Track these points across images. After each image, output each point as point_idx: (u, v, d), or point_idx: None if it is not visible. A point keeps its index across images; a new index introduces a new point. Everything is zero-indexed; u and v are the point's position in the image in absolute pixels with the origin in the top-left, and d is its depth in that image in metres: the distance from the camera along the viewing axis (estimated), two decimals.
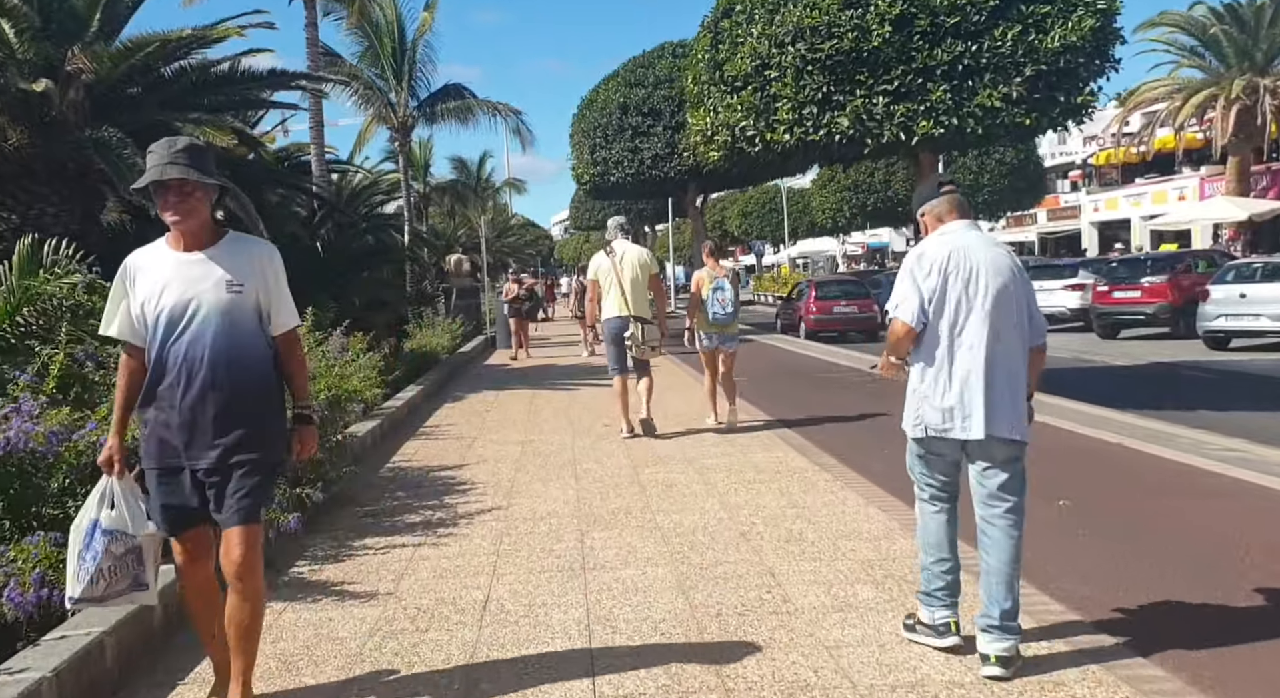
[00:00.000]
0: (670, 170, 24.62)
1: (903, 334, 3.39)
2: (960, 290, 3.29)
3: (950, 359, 3.30)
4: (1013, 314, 3.31)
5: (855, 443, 7.66)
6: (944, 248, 3.35)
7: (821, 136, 9.98)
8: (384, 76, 27.80)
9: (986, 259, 3.32)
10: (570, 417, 9.80)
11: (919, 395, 3.38)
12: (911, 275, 3.37)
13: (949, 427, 3.31)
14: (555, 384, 12.95)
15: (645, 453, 7.60)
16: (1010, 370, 3.30)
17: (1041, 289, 21.56)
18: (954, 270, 3.30)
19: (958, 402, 3.28)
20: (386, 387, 10.86)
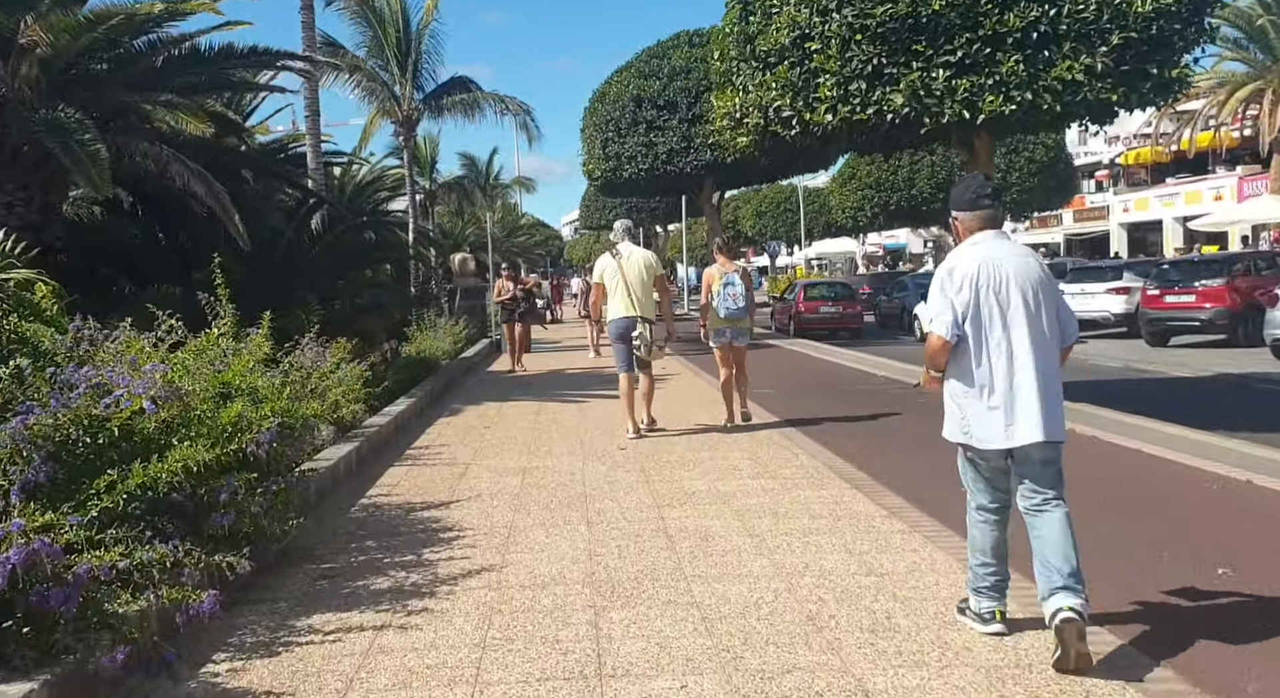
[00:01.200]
0: (686, 165, 23.35)
1: (939, 348, 3.47)
2: (993, 302, 3.39)
3: (988, 369, 3.39)
4: (1044, 321, 3.42)
5: (922, 476, 6.37)
6: (974, 261, 3.43)
7: (870, 116, 8.70)
8: (388, 68, 26.66)
9: (1016, 269, 3.41)
10: (581, 436, 8.54)
11: (959, 405, 3.49)
12: (943, 290, 3.45)
13: (992, 435, 3.40)
14: (564, 395, 11.70)
15: (670, 487, 6.33)
16: (1048, 376, 3.38)
17: (1082, 292, 20.24)
18: (985, 283, 3.39)
19: (999, 410, 3.38)
20: (375, 399, 9.65)
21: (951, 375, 3.51)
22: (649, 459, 7.32)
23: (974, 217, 3.56)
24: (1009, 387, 3.36)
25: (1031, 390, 3.34)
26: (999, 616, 3.56)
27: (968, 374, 3.44)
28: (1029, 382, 3.35)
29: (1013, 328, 3.38)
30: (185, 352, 4.88)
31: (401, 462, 7.54)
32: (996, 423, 3.38)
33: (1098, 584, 3.61)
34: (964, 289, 3.40)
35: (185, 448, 3.78)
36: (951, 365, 3.49)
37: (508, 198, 54.97)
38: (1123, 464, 6.86)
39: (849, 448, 7.50)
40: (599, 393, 11.65)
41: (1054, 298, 3.49)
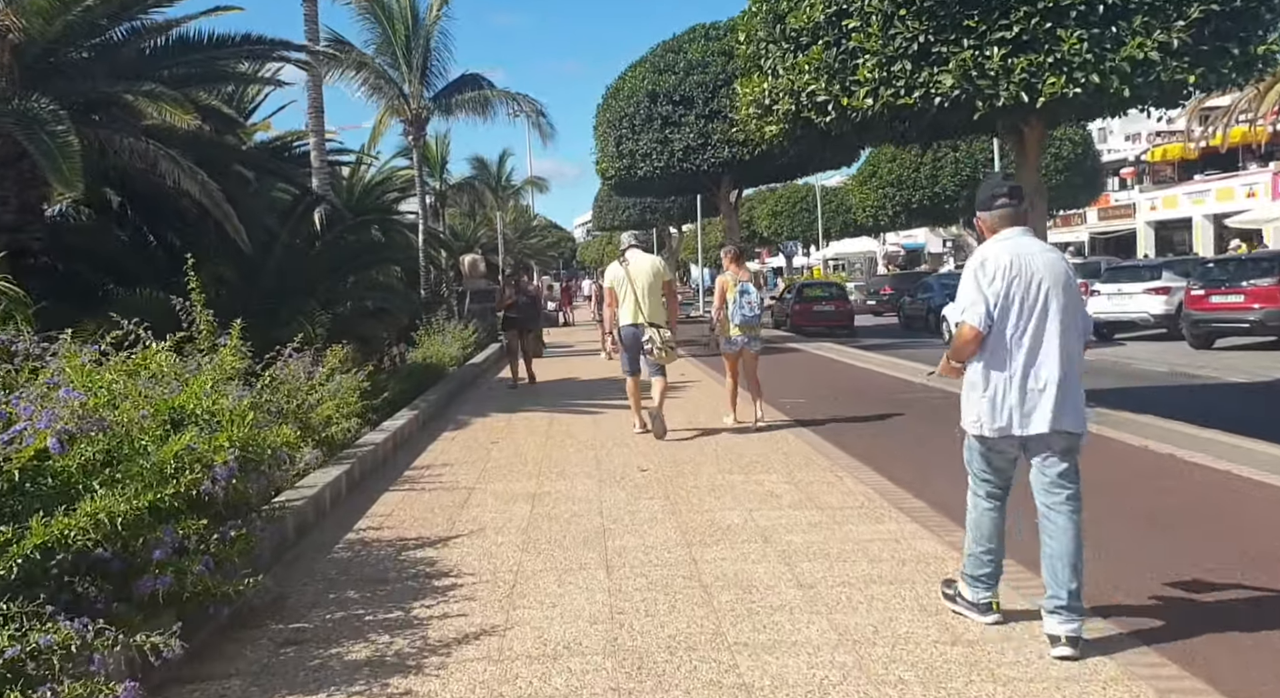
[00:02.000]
0: (703, 163, 22.54)
1: (970, 338, 3.53)
2: (1023, 294, 3.47)
3: (1017, 360, 3.48)
4: (1069, 315, 3.49)
5: None
6: (1006, 254, 3.52)
7: (916, 100, 7.88)
8: (396, 66, 25.99)
9: (1045, 263, 3.52)
10: (597, 453, 7.75)
11: (982, 395, 3.55)
12: (976, 281, 3.52)
13: (1011, 424, 3.50)
14: (577, 405, 10.90)
15: (700, 519, 5.53)
16: (1072, 368, 3.48)
17: (1119, 293, 19.32)
18: (1016, 275, 3.48)
19: (1025, 400, 3.47)
20: (374, 412, 8.89)
21: (975, 364, 3.58)
22: (674, 483, 6.52)
23: (996, 215, 3.65)
24: (1034, 377, 3.47)
25: (1054, 381, 3.44)
26: (995, 606, 3.69)
27: (993, 364, 3.52)
28: (1053, 373, 3.45)
29: (1040, 320, 3.47)
30: (112, 370, 4.08)
31: (398, 485, 6.75)
32: (1018, 412, 3.48)
33: None
34: (997, 280, 3.48)
35: (103, 496, 3.00)
36: (978, 354, 3.56)
37: (520, 199, 54.26)
38: (1221, 492, 6.01)
39: (900, 471, 6.67)
40: (614, 402, 10.85)
41: (1077, 294, 3.59)
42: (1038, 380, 3.46)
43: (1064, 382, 3.46)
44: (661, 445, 8.01)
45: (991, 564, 3.67)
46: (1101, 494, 5.55)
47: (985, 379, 3.55)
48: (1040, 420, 3.46)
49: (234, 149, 11.29)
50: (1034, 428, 3.48)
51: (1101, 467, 6.34)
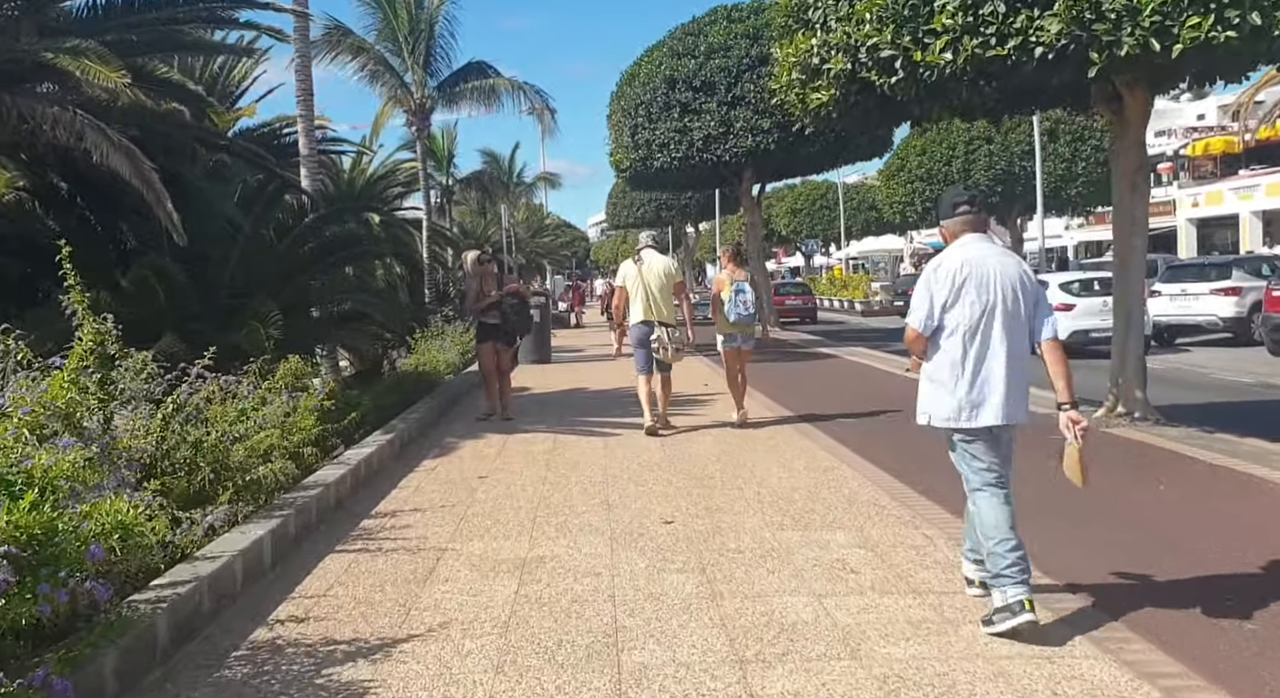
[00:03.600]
0: (725, 153, 20.91)
1: (913, 338, 3.85)
2: (974, 296, 3.69)
3: (967, 357, 3.69)
4: (1020, 316, 3.71)
5: (1165, 595, 3.95)
6: (958, 259, 3.75)
7: (1010, 52, 6.27)
8: (398, 53, 24.53)
9: (997, 267, 3.72)
10: (607, 494, 6.17)
11: (934, 388, 3.80)
12: (927, 285, 3.79)
13: (959, 416, 3.71)
14: (585, 424, 9.32)
15: (751, 610, 3.94)
16: (1018, 366, 3.71)
17: (1184, 294, 17.60)
18: (967, 278, 3.70)
19: (974, 394, 3.68)
20: (339, 436, 7.35)
21: (930, 361, 3.82)
22: (708, 543, 4.93)
23: (956, 222, 3.87)
24: (982, 373, 3.68)
25: (1001, 378, 3.67)
26: (1028, 605, 3.51)
27: (943, 361, 3.75)
28: (1000, 370, 3.67)
29: (989, 320, 3.68)
30: None
31: (348, 544, 5.18)
32: (967, 406, 3.69)
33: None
34: (945, 285, 3.73)
35: None
36: (932, 352, 3.80)
37: (532, 197, 52.80)
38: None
39: None
40: (627, 420, 9.27)
41: (1032, 295, 3.76)
42: (987, 376, 3.67)
43: (1010, 378, 3.67)
44: (687, 484, 6.43)
45: (1012, 556, 3.59)
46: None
47: (937, 373, 3.79)
48: (989, 414, 3.67)
49: (182, 124, 9.74)
50: (982, 421, 3.68)
51: (1237, 506, 4.78)
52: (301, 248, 10.03)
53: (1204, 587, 4.09)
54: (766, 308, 25.42)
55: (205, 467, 4.84)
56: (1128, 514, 5.34)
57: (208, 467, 4.83)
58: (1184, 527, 5.09)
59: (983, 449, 3.75)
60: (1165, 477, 6.20)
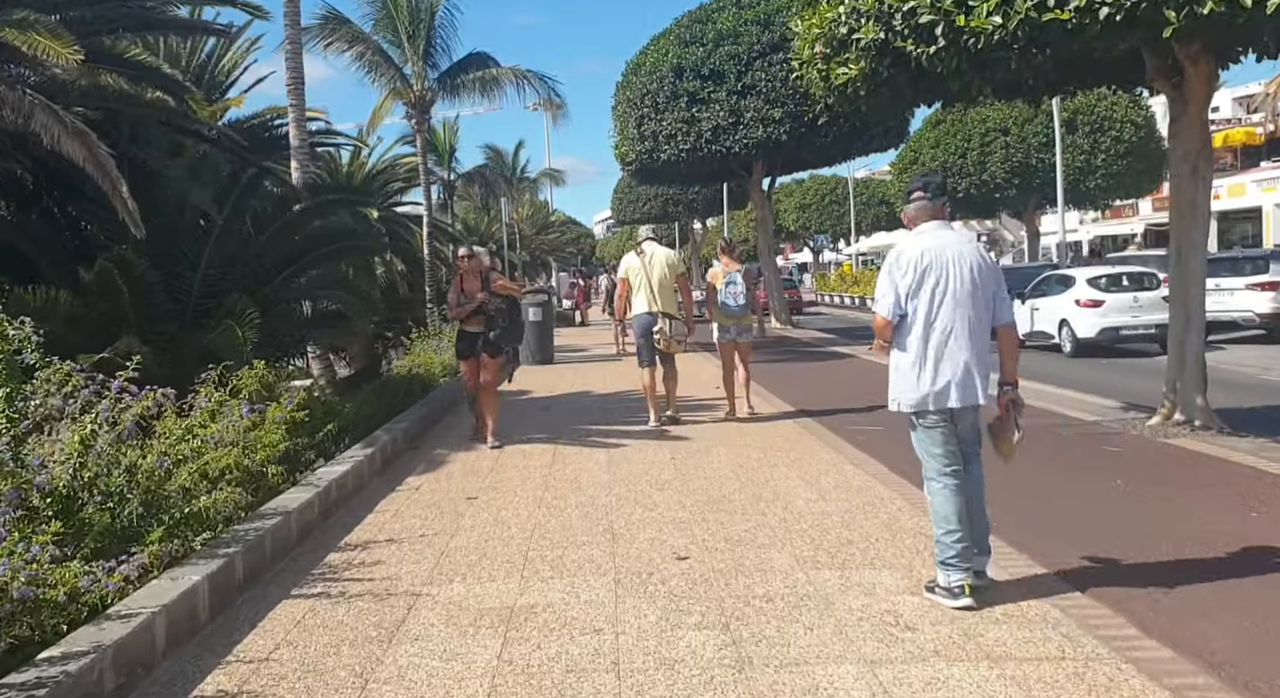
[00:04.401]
0: (734, 144, 20.09)
1: (881, 325, 3.96)
2: (934, 284, 3.81)
3: (931, 342, 3.82)
4: (980, 302, 3.84)
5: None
6: (918, 248, 3.87)
7: (1071, 16, 5.47)
8: (397, 43, 23.75)
9: (956, 255, 3.85)
10: (612, 520, 5.39)
11: (901, 374, 3.93)
12: (890, 274, 3.90)
13: (928, 400, 3.84)
14: (587, 434, 8.55)
15: (790, 683, 3.16)
16: (979, 349, 3.85)
17: (1217, 288, 16.71)
18: (928, 267, 3.82)
19: (937, 378, 3.82)
20: (312, 450, 6.60)
21: (895, 347, 3.94)
22: (730, 586, 4.16)
23: (916, 207, 4.00)
24: (946, 358, 3.81)
25: (961, 362, 3.81)
26: (968, 590, 3.75)
27: (909, 346, 3.87)
28: (962, 354, 3.81)
29: (951, 306, 3.81)
30: None
31: (306, 587, 4.41)
32: (932, 389, 3.82)
33: None
34: (908, 273, 3.84)
35: None
36: (897, 339, 3.92)
37: (536, 193, 52.02)
38: None
39: (1109, 576, 4.28)
40: (634, 430, 8.51)
41: (991, 282, 3.89)
42: (949, 361, 3.81)
43: (971, 362, 3.83)
44: (703, 507, 5.65)
45: (958, 546, 3.79)
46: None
47: (903, 360, 3.92)
48: (953, 397, 3.83)
49: (157, 107, 8.98)
50: (944, 403, 3.83)
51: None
52: (283, 242, 9.27)
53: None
54: (777, 304, 24.80)
55: (134, 498, 4.08)
56: (1231, 553, 4.54)
57: (136, 498, 4.07)
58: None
59: (941, 437, 3.90)
60: (1256, 501, 5.40)
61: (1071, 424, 8.17)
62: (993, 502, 4.22)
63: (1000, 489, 5.40)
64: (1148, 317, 15.61)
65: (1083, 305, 15.94)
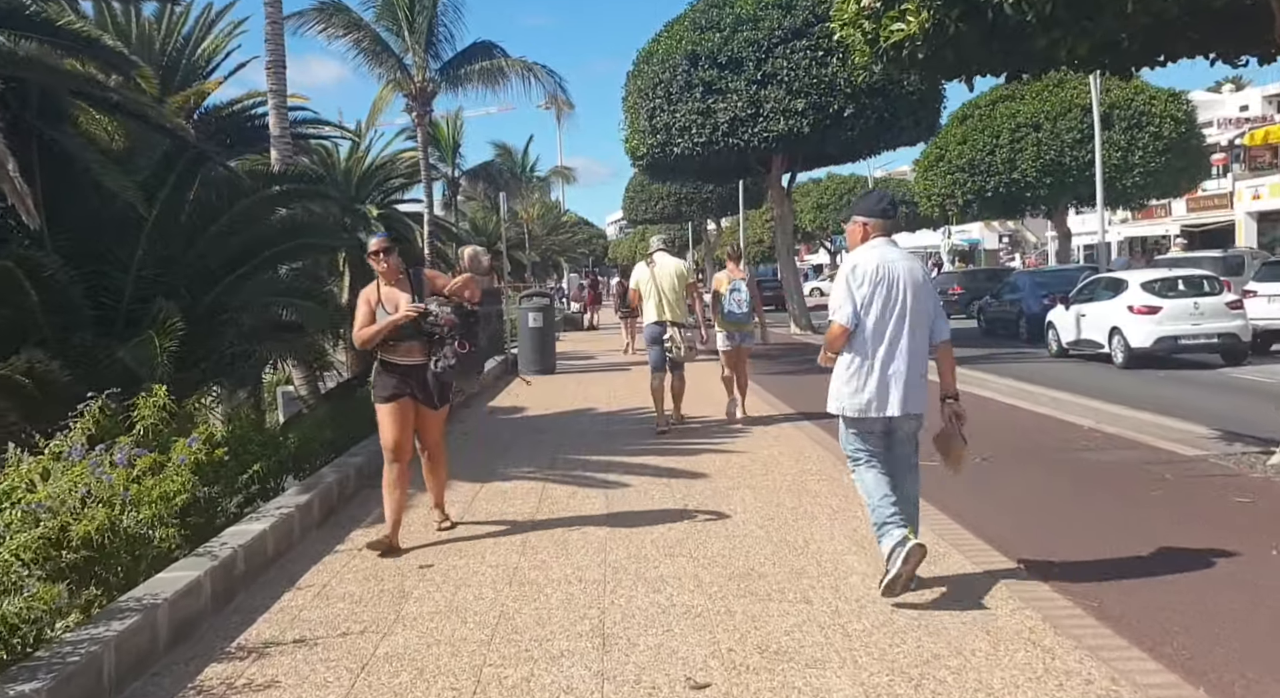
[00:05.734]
0: (753, 137, 18.74)
1: (839, 334, 4.10)
2: (885, 296, 4.01)
3: (877, 352, 4.01)
4: (923, 316, 4.07)
5: None
6: (872, 261, 4.05)
7: None
8: (398, 31, 22.46)
9: (904, 269, 4.05)
10: (604, 616, 3.99)
11: (844, 381, 4.10)
12: (847, 285, 4.06)
13: (869, 407, 4.03)
14: (586, 465, 7.17)
15: None
16: (920, 361, 4.05)
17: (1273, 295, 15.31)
18: (880, 280, 4.01)
19: (880, 387, 4.01)
20: (237, 497, 5.26)
21: (843, 355, 4.11)
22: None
23: (879, 223, 4.16)
24: (889, 368, 4.00)
25: (904, 372, 4.00)
26: (909, 537, 3.92)
27: (856, 355, 4.05)
28: (904, 365, 4.00)
29: (898, 319, 4.00)
30: None
31: None
32: (875, 397, 4.01)
33: None
34: (864, 284, 4.01)
35: None
36: (845, 347, 4.10)
37: (548, 193, 50.70)
38: None
39: None
40: (641, 462, 7.14)
41: (932, 297, 4.15)
42: (892, 371, 3.99)
43: (912, 373, 4.01)
44: (725, 586, 4.26)
45: (893, 507, 4.00)
46: None
47: (849, 368, 4.08)
48: (893, 405, 4.00)
49: (63, 74, 7.64)
50: (889, 411, 4.01)
51: None
52: (231, 240, 7.93)
53: None
54: (797, 308, 23.35)
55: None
56: None
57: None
58: None
59: (875, 439, 4.12)
60: None
61: (1169, 460, 6.74)
62: (1132, 592, 2.81)
63: (1134, 568, 3.99)
64: (1210, 325, 14.15)
65: (1137, 312, 14.46)
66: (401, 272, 5.17)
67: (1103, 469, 6.62)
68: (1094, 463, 6.84)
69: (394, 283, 5.12)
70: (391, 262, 5.09)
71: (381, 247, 5.08)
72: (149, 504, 4.36)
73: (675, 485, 6.40)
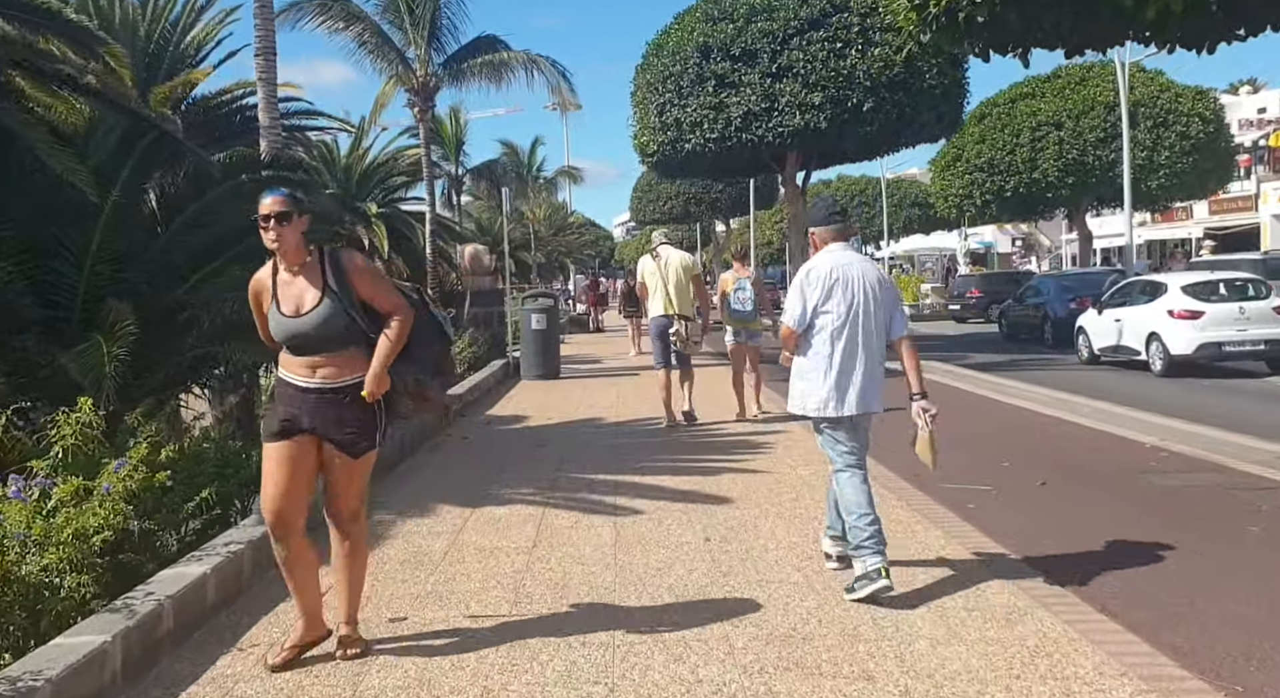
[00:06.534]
0: (767, 133, 17.88)
1: (787, 336, 4.25)
2: (839, 299, 4.10)
3: (834, 354, 4.10)
4: (879, 318, 4.15)
5: None
6: (827, 265, 4.15)
7: None
8: (399, 24, 21.71)
9: (860, 274, 4.15)
10: (614, 693, 3.19)
11: (806, 381, 4.19)
12: (801, 289, 4.16)
13: (826, 407, 4.12)
14: (592, 487, 6.36)
15: None
16: (875, 362, 4.15)
17: None
18: (835, 283, 4.10)
19: (839, 386, 4.09)
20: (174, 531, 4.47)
21: (802, 355, 4.22)
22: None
23: (827, 230, 4.27)
24: (846, 368, 4.09)
25: (861, 373, 4.09)
26: (884, 572, 3.88)
27: (814, 356, 4.15)
28: (860, 365, 4.09)
29: (853, 321, 4.10)
30: None
31: None
32: (833, 397, 4.09)
33: None
34: (818, 288, 4.11)
35: None
36: (803, 348, 4.20)
37: (555, 193, 49.91)
38: None
39: None
40: (655, 484, 6.33)
41: (889, 299, 4.21)
42: (848, 370, 4.08)
43: (869, 373, 4.10)
44: (760, 648, 3.45)
45: (871, 528, 3.96)
46: None
47: (808, 367, 4.17)
48: (850, 404, 4.08)
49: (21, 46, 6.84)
50: (845, 411, 4.09)
51: None
52: (198, 231, 7.15)
53: None
54: None
55: None
56: None
57: None
58: None
59: (845, 435, 4.17)
60: None
61: (1258, 486, 5.91)
62: None
63: (1264, 629, 3.14)
64: (1256, 330, 13.30)
65: (1177, 317, 13.61)
66: (310, 254, 3.43)
67: (1180, 496, 5.79)
68: (1168, 489, 6.00)
69: (297, 268, 3.40)
70: (290, 237, 3.34)
71: (274, 210, 3.31)
72: (57, 546, 3.57)
73: (694, 513, 5.59)
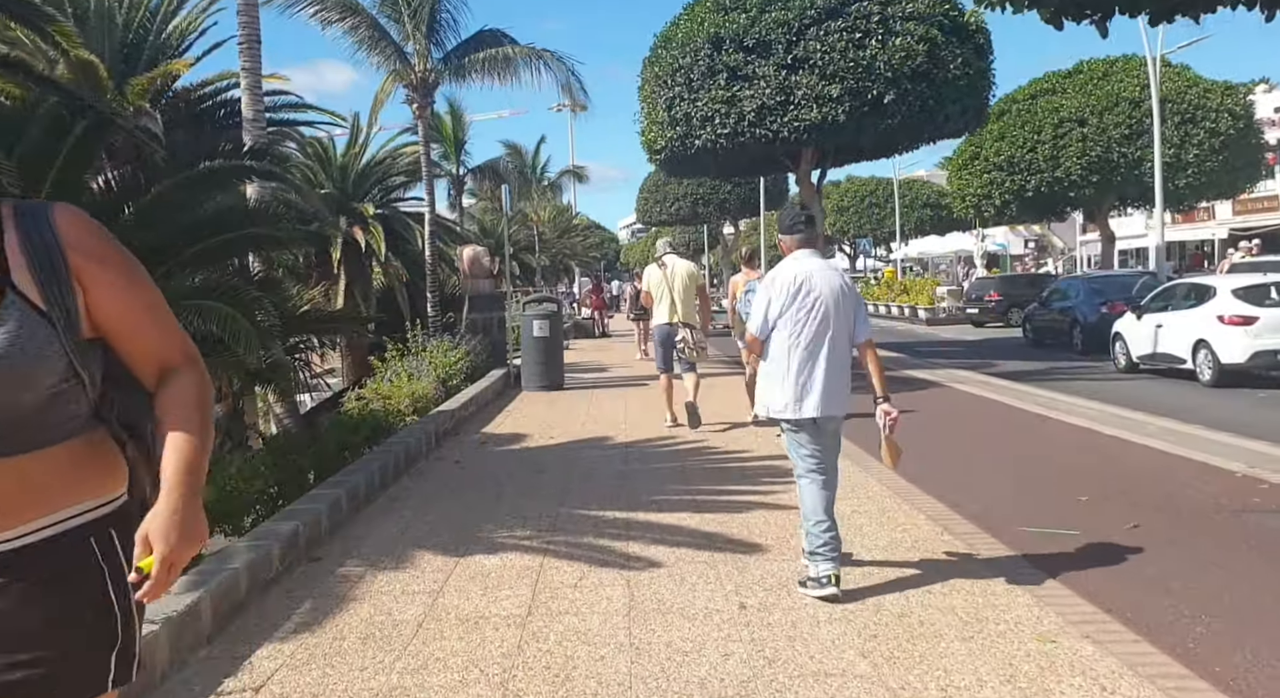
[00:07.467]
0: (782, 127, 16.94)
1: (751, 342, 4.42)
2: (802, 304, 4.21)
3: (797, 358, 4.19)
4: (842, 323, 4.25)
5: None
6: (791, 272, 4.27)
7: None
8: (398, 18, 20.79)
9: (823, 280, 4.26)
10: None
11: (772, 384, 4.28)
12: (766, 294, 4.31)
13: (787, 409, 4.21)
14: (599, 529, 5.41)
15: None
16: (840, 366, 4.23)
17: None
18: (798, 289, 4.22)
19: (801, 389, 4.18)
20: None
21: (767, 360, 4.33)
22: None
23: (793, 238, 4.41)
24: (810, 371, 4.18)
25: (823, 376, 4.18)
26: (834, 580, 4.02)
27: (780, 359, 4.24)
28: (823, 369, 4.18)
29: (818, 326, 4.19)
30: None
31: None
32: (797, 399, 4.18)
33: None
34: (782, 294, 4.23)
35: None
36: (768, 352, 4.30)
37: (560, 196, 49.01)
38: None
39: None
40: (674, 522, 5.38)
41: (853, 304, 4.31)
42: (811, 374, 4.17)
43: (832, 376, 4.19)
44: None
45: (826, 536, 4.07)
46: None
47: (774, 371, 4.27)
48: (811, 407, 4.17)
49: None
50: (806, 413, 4.18)
51: None
52: (146, 230, 6.23)
53: None
54: None
55: None
56: None
57: None
58: None
59: (807, 438, 4.25)
60: None
61: None
62: None
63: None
64: None
65: (1228, 323, 12.62)
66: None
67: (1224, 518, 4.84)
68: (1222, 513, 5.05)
69: None
70: None
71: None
72: None
73: (721, 565, 4.64)
